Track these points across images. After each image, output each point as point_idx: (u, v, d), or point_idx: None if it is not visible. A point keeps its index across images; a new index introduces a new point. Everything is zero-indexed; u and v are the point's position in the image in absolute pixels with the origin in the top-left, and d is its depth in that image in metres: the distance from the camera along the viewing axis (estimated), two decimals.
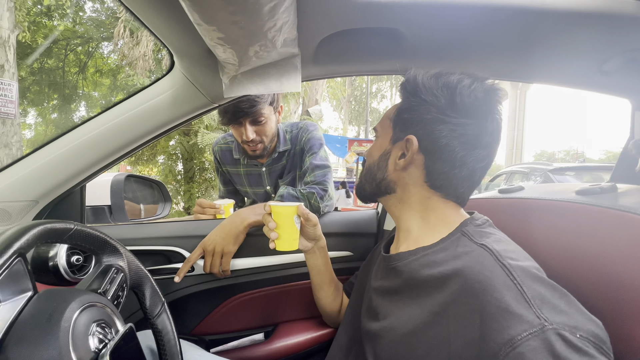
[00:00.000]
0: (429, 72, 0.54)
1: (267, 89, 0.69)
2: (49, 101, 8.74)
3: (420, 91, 0.52)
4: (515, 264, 0.40)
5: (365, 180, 0.62)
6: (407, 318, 0.46)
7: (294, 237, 0.68)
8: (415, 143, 0.52)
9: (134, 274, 0.57)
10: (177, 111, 0.74)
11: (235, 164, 1.24)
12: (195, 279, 0.85)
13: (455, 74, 0.52)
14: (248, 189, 1.27)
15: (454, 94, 0.50)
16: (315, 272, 0.79)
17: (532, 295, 0.37)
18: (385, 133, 0.58)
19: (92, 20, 7.58)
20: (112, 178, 0.95)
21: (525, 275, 0.39)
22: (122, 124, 0.73)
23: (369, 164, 0.61)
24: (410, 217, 0.56)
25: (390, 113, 0.59)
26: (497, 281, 0.39)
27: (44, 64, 7.70)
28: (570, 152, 27.71)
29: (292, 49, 0.63)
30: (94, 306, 0.42)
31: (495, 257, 0.41)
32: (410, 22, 0.63)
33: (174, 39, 0.59)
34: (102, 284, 0.49)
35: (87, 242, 0.50)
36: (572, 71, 0.78)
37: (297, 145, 1.18)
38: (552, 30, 0.63)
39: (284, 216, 0.67)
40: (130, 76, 6.53)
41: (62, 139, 0.73)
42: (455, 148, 0.50)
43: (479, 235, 0.47)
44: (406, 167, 0.54)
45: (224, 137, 1.26)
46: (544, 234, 0.53)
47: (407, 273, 0.50)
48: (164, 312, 0.61)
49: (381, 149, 0.58)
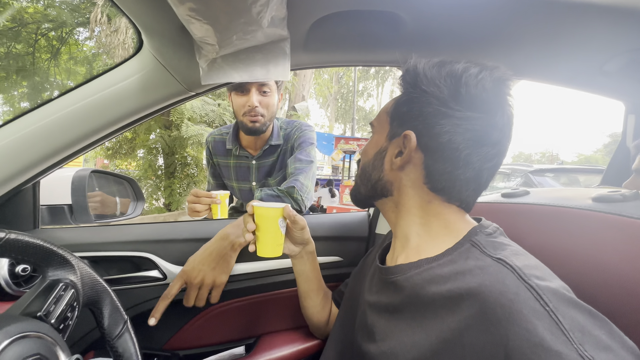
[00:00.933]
0: (432, 61, 0.48)
1: (251, 76, 0.61)
2: (18, 89, 8.19)
3: (420, 81, 0.46)
4: (544, 285, 0.34)
5: (360, 181, 0.57)
6: (411, 344, 0.40)
7: (278, 242, 0.62)
8: (413, 139, 0.46)
9: (88, 289, 0.48)
10: (147, 98, 0.64)
11: (226, 155, 1.21)
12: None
13: (461, 62, 0.46)
14: (234, 184, 1.24)
15: (458, 84, 0.44)
16: (302, 278, 0.72)
17: (570, 326, 0.30)
18: (382, 128, 0.53)
19: (65, 4, 7.13)
20: (73, 174, 0.84)
21: (558, 300, 0.32)
22: (82, 111, 0.63)
23: (363, 164, 0.56)
24: (409, 223, 0.50)
25: (388, 106, 0.54)
26: (524, 307, 0.32)
27: (11, 49, 7.19)
28: (546, 154, 28.92)
29: (280, 31, 0.55)
30: (26, 337, 0.34)
31: (518, 276, 0.35)
32: (412, 7, 0.57)
33: (140, 11, 0.50)
34: (44, 304, 0.40)
35: (25, 253, 0.40)
36: (572, 71, 0.75)
37: (288, 143, 1.16)
38: (553, 25, 0.59)
39: (268, 219, 0.60)
40: (107, 65, 6.21)
41: (8, 127, 0.62)
42: (459, 145, 0.44)
43: (492, 246, 0.41)
44: (403, 167, 0.48)
45: (219, 130, 1.25)
46: (559, 246, 0.49)
47: (409, 289, 0.44)
48: (126, 332, 0.52)
49: (377, 147, 0.53)
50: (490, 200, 0.67)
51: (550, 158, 27.55)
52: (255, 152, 1.17)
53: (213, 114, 5.91)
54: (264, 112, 1.06)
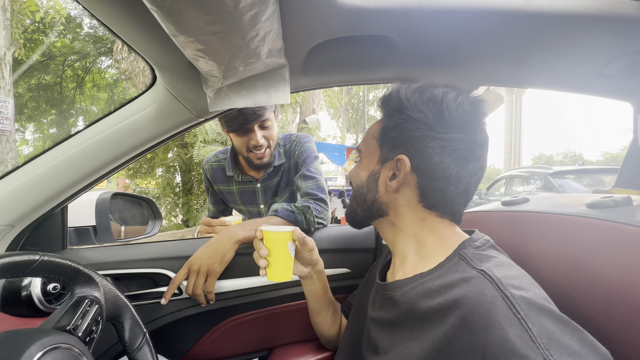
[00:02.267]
0: (411, 87, 0.52)
1: (254, 101, 0.65)
2: (47, 117, 8.75)
3: (405, 107, 0.50)
4: (518, 294, 0.36)
5: (356, 203, 0.58)
6: (408, 354, 0.42)
7: (288, 265, 0.62)
8: (407, 163, 0.49)
9: (111, 304, 0.53)
10: (161, 127, 0.70)
11: (227, 181, 1.19)
12: (184, 302, 0.80)
13: (439, 87, 0.50)
14: (242, 207, 1.22)
15: (441, 108, 0.48)
16: (312, 297, 0.73)
17: (539, 332, 0.33)
18: (371, 153, 0.55)
19: (89, 37, 7.65)
20: (97, 197, 0.91)
21: (530, 308, 0.35)
22: (104, 141, 0.69)
23: (356, 186, 0.58)
24: (405, 241, 0.53)
25: (374, 131, 0.56)
26: (499, 315, 0.35)
27: (41, 80, 7.74)
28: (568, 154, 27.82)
29: (278, 60, 0.60)
30: (57, 349, 0.38)
31: (496, 286, 0.37)
32: (403, 29, 0.60)
33: (153, 52, 0.56)
34: (72, 319, 0.44)
35: (56, 273, 0.45)
36: (571, 75, 0.76)
37: (291, 159, 1.14)
38: (550, 33, 0.61)
39: (277, 243, 0.60)
40: (128, 89, 6.56)
41: (40, 158, 0.69)
42: (449, 165, 0.48)
43: (479, 259, 0.43)
44: (398, 189, 0.51)
45: (214, 155, 1.21)
46: (553, 252, 0.49)
47: (405, 304, 0.47)
48: (146, 345, 0.56)
49: (369, 169, 0.55)
50: (490, 209, 0.68)
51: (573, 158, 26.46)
52: (259, 175, 1.14)
53: None
54: (269, 143, 1.05)
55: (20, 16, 5.32)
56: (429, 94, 0.49)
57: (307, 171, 1.05)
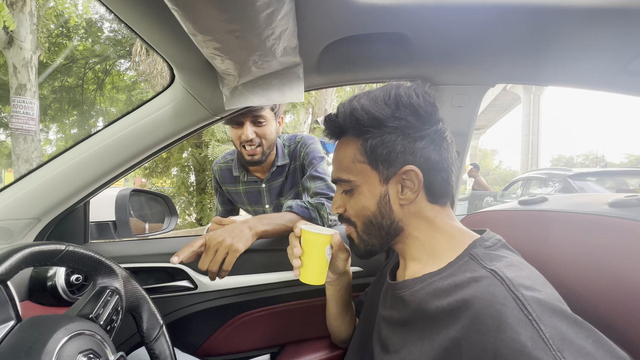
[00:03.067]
0: (367, 98, 0.50)
1: (269, 99, 0.66)
2: (69, 117, 9.10)
3: (382, 121, 0.49)
4: (530, 295, 0.35)
5: (368, 236, 0.54)
6: (419, 354, 0.43)
7: (322, 269, 0.59)
8: (417, 170, 0.48)
9: (130, 295, 0.55)
10: (179, 124, 0.72)
11: (234, 182, 1.21)
12: (199, 297, 0.82)
13: (391, 90, 0.50)
14: (249, 208, 1.25)
15: (414, 108, 0.49)
16: (333, 302, 0.72)
17: (551, 334, 0.32)
18: (367, 178, 0.51)
19: (109, 40, 7.91)
20: (116, 193, 0.94)
21: (542, 309, 0.34)
22: (124, 139, 0.72)
23: (366, 218, 0.52)
24: (417, 245, 0.52)
25: (354, 155, 0.52)
26: (510, 317, 0.34)
27: (64, 82, 8.05)
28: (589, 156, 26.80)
29: (293, 58, 0.60)
30: (82, 335, 0.40)
31: (506, 287, 0.37)
32: (417, 26, 0.60)
33: (172, 51, 0.58)
34: (94, 308, 0.46)
35: (80, 263, 0.47)
36: (594, 72, 0.74)
37: (296, 160, 1.14)
38: (570, 29, 0.59)
39: (316, 245, 0.58)
40: (146, 91, 6.74)
41: (64, 156, 0.72)
42: (443, 154, 0.50)
43: (489, 258, 0.43)
44: (414, 199, 0.50)
45: (223, 157, 1.23)
46: (572, 252, 0.48)
47: (414, 303, 0.47)
48: (162, 336, 0.57)
49: (375, 196, 0.51)
50: (507, 208, 0.67)
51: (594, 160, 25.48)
52: (264, 175, 1.15)
53: None
54: (260, 141, 1.04)
55: (45, 21, 5.55)
56: (394, 99, 0.49)
57: (315, 172, 1.04)
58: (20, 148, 4.55)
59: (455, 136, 0.87)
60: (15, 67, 4.52)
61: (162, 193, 1.17)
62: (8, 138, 8.64)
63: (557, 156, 32.29)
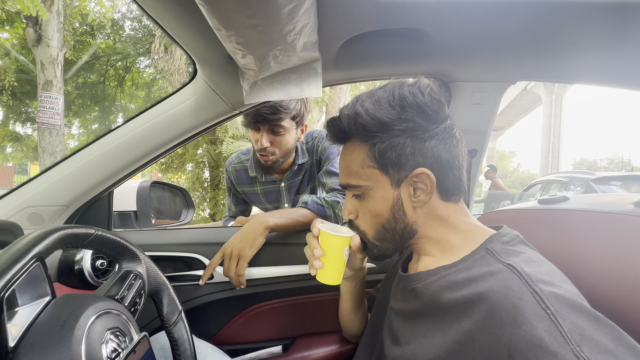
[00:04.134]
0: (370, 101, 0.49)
1: (287, 94, 0.68)
2: (91, 113, 9.43)
3: (388, 124, 0.47)
4: (549, 290, 0.35)
5: (381, 241, 0.53)
6: (429, 346, 0.43)
7: (340, 270, 0.59)
8: (430, 174, 0.47)
9: (152, 280, 0.57)
10: (199, 118, 0.74)
11: (251, 183, 1.20)
12: (215, 286, 0.85)
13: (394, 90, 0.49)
14: (267, 206, 1.25)
15: (420, 108, 0.48)
16: (347, 297, 0.73)
17: (569, 328, 0.32)
18: (378, 182, 0.51)
19: (130, 38, 8.14)
20: (138, 184, 0.97)
21: (561, 304, 0.34)
22: (147, 132, 0.74)
23: (379, 224, 0.52)
24: (430, 242, 0.52)
25: (363, 160, 0.51)
26: (527, 311, 0.34)
27: (87, 79, 8.35)
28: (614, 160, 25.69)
29: (312, 53, 0.61)
30: (109, 313, 0.42)
31: (524, 281, 0.36)
32: (437, 22, 0.60)
33: (195, 46, 0.60)
34: (120, 290, 0.49)
35: (107, 247, 0.50)
36: (622, 69, 0.71)
37: (313, 156, 1.15)
38: (597, 23, 0.57)
39: (334, 247, 0.58)
40: (164, 88, 6.91)
41: (91, 147, 0.75)
42: (453, 151, 0.49)
43: (506, 253, 0.42)
44: (428, 200, 0.50)
45: (237, 157, 1.23)
46: (595, 251, 0.47)
47: (427, 296, 0.47)
48: (181, 321, 0.60)
49: (388, 201, 0.50)
50: (527, 207, 0.65)
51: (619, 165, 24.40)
52: (282, 175, 1.16)
53: None
54: (274, 151, 1.04)
55: (71, 19, 5.78)
56: (399, 100, 0.47)
57: (331, 167, 1.04)
58: (46, 141, 4.76)
59: (473, 135, 0.86)
60: (43, 64, 4.73)
61: (180, 185, 1.20)
62: (35, 132, 9.04)
63: (579, 159, 31.13)
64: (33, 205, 0.72)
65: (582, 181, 4.25)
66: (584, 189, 4.12)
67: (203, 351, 0.70)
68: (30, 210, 0.72)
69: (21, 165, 18.74)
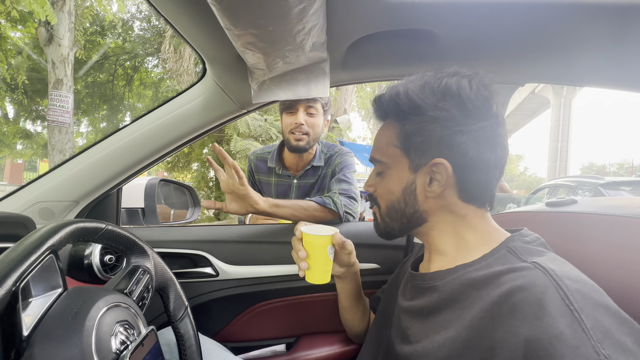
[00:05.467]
0: (415, 83, 0.48)
1: (295, 94, 0.68)
2: (100, 112, 9.57)
3: (423, 108, 0.46)
4: (575, 286, 0.34)
5: (390, 220, 0.54)
6: (442, 341, 0.42)
7: (327, 269, 0.61)
8: (448, 166, 0.46)
9: (159, 276, 0.58)
10: (208, 117, 0.75)
11: (268, 172, 1.28)
12: (220, 284, 0.85)
13: (445, 77, 0.47)
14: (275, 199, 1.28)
15: (461, 100, 0.45)
16: (344, 295, 0.74)
17: (592, 325, 0.31)
18: (397, 163, 0.51)
19: (139, 38, 8.25)
20: (146, 182, 0.99)
21: (586, 302, 0.33)
22: (156, 130, 0.76)
23: (389, 203, 0.53)
24: (445, 239, 0.51)
25: (390, 138, 0.51)
26: (550, 305, 0.33)
27: (96, 78, 8.48)
28: (624, 165, 25.26)
29: (321, 54, 0.62)
30: (118, 306, 0.42)
31: (549, 277, 0.35)
32: (445, 23, 0.60)
33: (205, 45, 0.61)
34: (128, 284, 0.50)
35: (117, 242, 0.51)
36: (633, 72, 0.70)
37: (329, 167, 1.20)
38: (607, 25, 0.57)
39: (317, 247, 0.59)
40: (172, 87, 6.99)
41: (101, 144, 0.77)
42: (485, 154, 0.46)
43: (529, 252, 0.41)
44: (440, 193, 0.49)
45: (262, 149, 1.32)
46: (604, 254, 0.46)
47: (446, 293, 0.46)
48: (187, 317, 0.60)
49: (402, 182, 0.51)
50: (534, 210, 0.65)
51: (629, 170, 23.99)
52: (297, 172, 1.22)
53: (260, 128, 6.28)
54: (308, 130, 1.12)
55: (82, 19, 5.87)
56: (442, 88, 0.46)
57: (343, 176, 1.09)
58: (56, 139, 4.84)
59: None
60: (54, 62, 4.81)
61: (187, 184, 1.22)
62: (45, 130, 9.20)
63: (587, 164, 30.70)
64: (44, 201, 0.74)
65: (590, 186, 4.19)
66: (593, 194, 4.06)
67: (207, 348, 0.70)
68: (41, 205, 0.74)
69: (31, 163, 19.08)
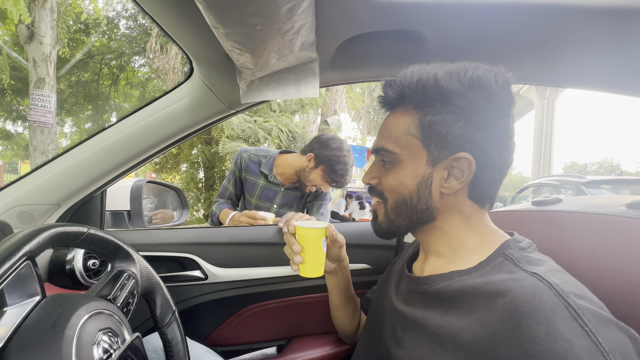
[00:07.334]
0: (443, 68, 0.45)
1: (284, 94, 0.67)
2: (84, 112, 9.31)
3: (450, 96, 0.43)
4: (584, 304, 0.33)
5: (396, 215, 0.50)
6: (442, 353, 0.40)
7: (320, 262, 0.61)
8: (473, 162, 0.43)
9: (145, 280, 0.56)
10: (195, 117, 0.74)
11: (257, 175, 1.30)
12: (209, 287, 0.84)
13: (469, 68, 0.44)
14: (253, 200, 1.32)
15: (489, 93, 0.43)
16: (335, 292, 0.73)
17: (611, 348, 0.30)
18: (415, 154, 0.47)
19: (125, 37, 8.07)
20: (132, 183, 0.96)
21: (599, 321, 0.32)
22: (142, 130, 0.74)
23: (401, 196, 0.49)
24: (444, 240, 0.49)
25: (408, 127, 0.47)
26: (563, 326, 0.31)
27: (80, 78, 8.24)
28: (604, 164, 26.15)
29: (310, 53, 0.61)
30: (101, 314, 0.41)
31: (556, 293, 0.34)
32: (434, 24, 0.60)
33: (192, 44, 0.59)
34: (112, 290, 0.48)
35: (100, 246, 0.49)
36: (615, 74, 0.71)
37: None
38: (592, 28, 0.58)
39: (311, 240, 0.59)
40: (159, 87, 6.86)
41: (84, 145, 0.74)
42: (503, 154, 0.44)
43: (527, 261, 0.40)
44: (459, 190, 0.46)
45: (255, 150, 1.33)
46: (588, 253, 0.47)
47: (441, 300, 0.44)
48: (175, 322, 0.59)
49: (417, 176, 0.47)
50: (521, 209, 0.66)
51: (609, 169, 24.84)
52: (287, 183, 1.30)
53: (249, 130, 6.23)
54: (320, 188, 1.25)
55: (65, 17, 5.70)
56: (470, 77, 0.43)
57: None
58: (38, 140, 4.68)
59: None
60: (35, 61, 4.65)
61: (174, 185, 1.19)
62: (26, 130, 8.89)
63: (570, 163, 31.64)
64: (23, 204, 0.71)
65: (573, 185, 4.32)
66: (575, 192, 4.19)
67: (197, 353, 0.69)
68: (20, 209, 0.71)
69: (11, 164, 18.42)
